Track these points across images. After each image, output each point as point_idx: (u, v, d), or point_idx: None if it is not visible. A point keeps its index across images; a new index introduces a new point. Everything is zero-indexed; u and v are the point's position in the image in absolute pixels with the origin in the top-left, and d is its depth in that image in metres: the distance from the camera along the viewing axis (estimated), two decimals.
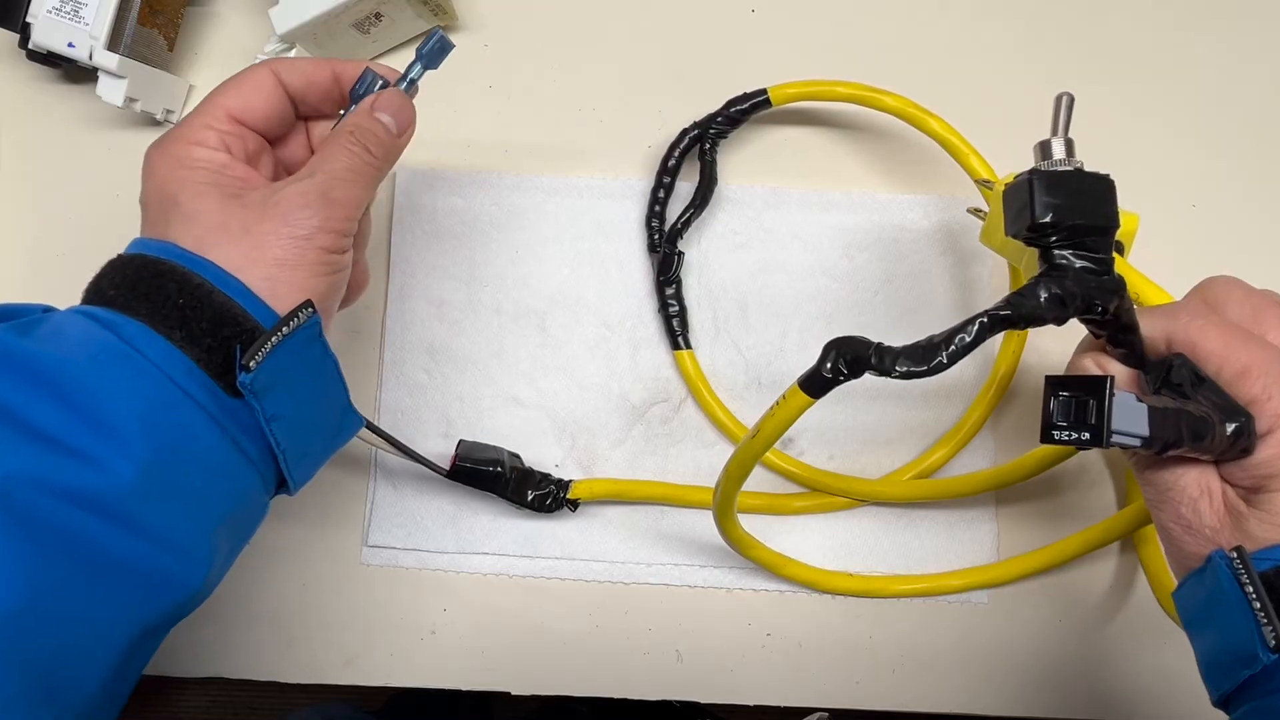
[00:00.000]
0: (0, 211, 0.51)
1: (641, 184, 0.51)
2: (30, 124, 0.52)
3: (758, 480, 0.49)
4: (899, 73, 0.53)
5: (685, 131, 0.49)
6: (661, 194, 0.50)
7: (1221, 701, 0.32)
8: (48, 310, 0.33)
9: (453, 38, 0.52)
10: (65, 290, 0.50)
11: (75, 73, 0.51)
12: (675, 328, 0.49)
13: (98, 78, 0.48)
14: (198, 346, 0.31)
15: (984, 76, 0.53)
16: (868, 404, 0.49)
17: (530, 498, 0.46)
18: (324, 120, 0.39)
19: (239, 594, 0.48)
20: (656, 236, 0.50)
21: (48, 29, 0.46)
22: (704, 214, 0.50)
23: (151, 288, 0.31)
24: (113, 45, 0.47)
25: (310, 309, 0.32)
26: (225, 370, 0.31)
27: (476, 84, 0.52)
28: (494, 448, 0.47)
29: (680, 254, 0.49)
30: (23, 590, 0.27)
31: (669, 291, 0.49)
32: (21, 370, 0.28)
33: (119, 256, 0.33)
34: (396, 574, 0.48)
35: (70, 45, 0.46)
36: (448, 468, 0.45)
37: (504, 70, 0.53)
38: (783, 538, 0.48)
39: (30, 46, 0.47)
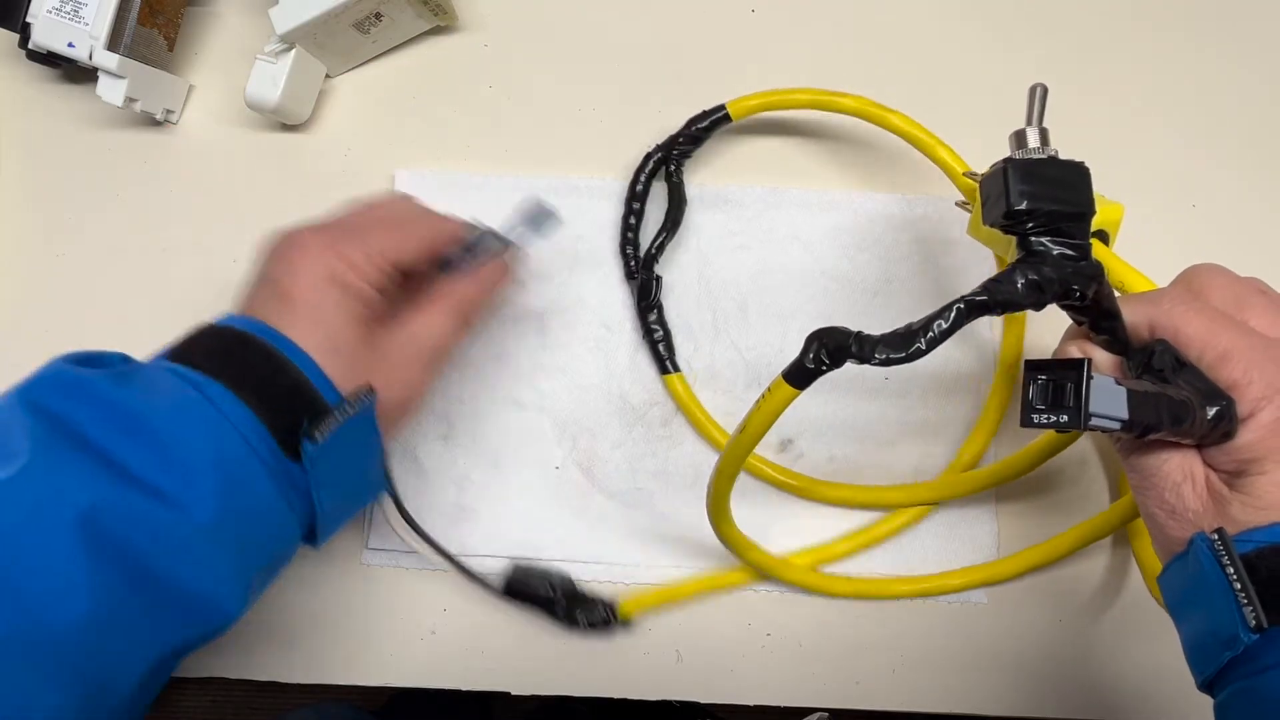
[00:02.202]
0: (0, 211, 0.51)
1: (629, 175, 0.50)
2: (30, 124, 0.52)
3: (756, 493, 0.49)
4: (901, 71, 0.53)
5: (649, 155, 0.49)
6: (632, 220, 0.49)
7: (1206, 685, 0.33)
8: (126, 359, 0.36)
9: (453, 38, 0.53)
10: (64, 290, 0.51)
11: (75, 73, 0.51)
12: (662, 352, 0.49)
13: (98, 78, 0.48)
14: (269, 411, 0.34)
15: (985, 76, 0.53)
16: (867, 402, 0.49)
17: (582, 620, 0.46)
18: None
19: None
20: (633, 264, 0.49)
21: (48, 29, 0.46)
22: (677, 235, 0.50)
23: (237, 355, 0.35)
24: (113, 45, 0.47)
25: (371, 393, 0.36)
26: (288, 435, 0.34)
27: (476, 84, 0.52)
28: (544, 571, 0.47)
29: (658, 278, 0.49)
30: (90, 603, 0.30)
31: (651, 317, 0.49)
32: (118, 416, 0.32)
33: (211, 325, 0.36)
34: (396, 574, 0.48)
35: (70, 45, 0.46)
36: (501, 586, 0.46)
37: (504, 70, 0.53)
38: (779, 539, 0.48)
39: (30, 46, 0.47)
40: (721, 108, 0.48)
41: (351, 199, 0.42)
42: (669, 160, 0.49)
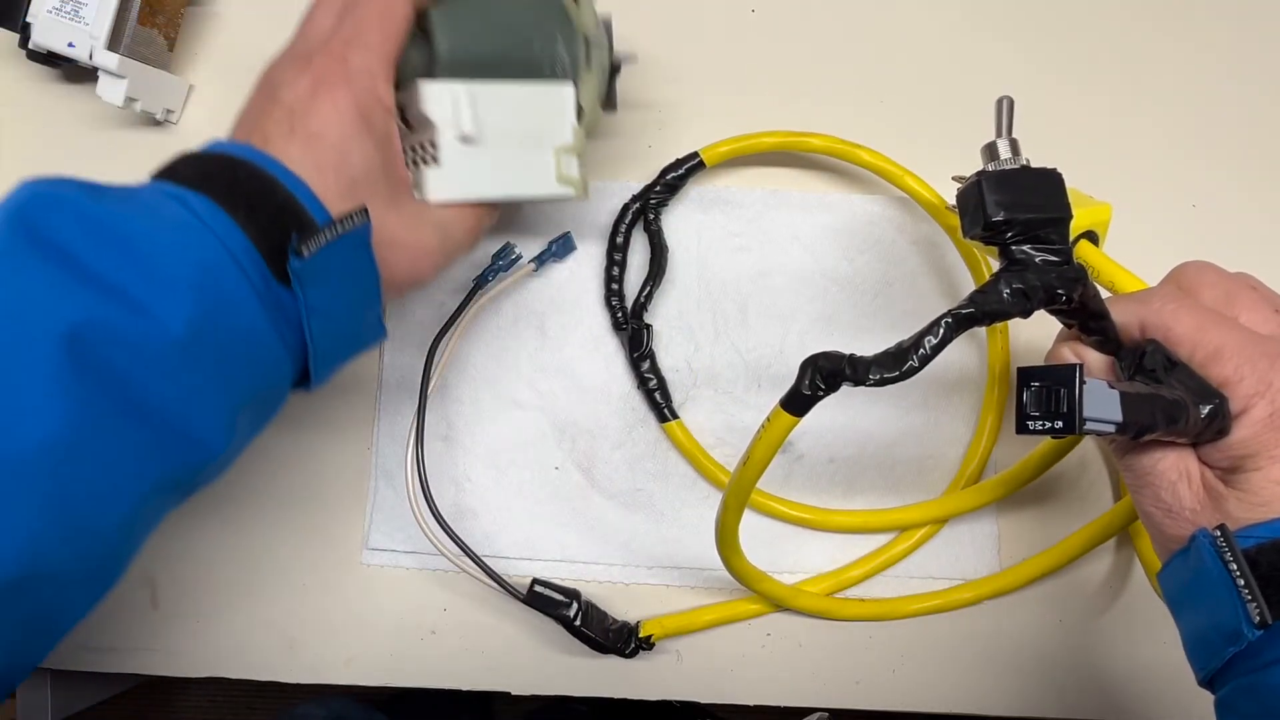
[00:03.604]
0: None
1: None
2: (30, 124, 0.52)
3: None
4: (901, 70, 0.53)
5: (626, 206, 0.49)
6: (616, 271, 0.49)
7: (1207, 681, 0.33)
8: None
9: None
10: None
11: (75, 73, 0.51)
12: (659, 400, 0.48)
13: (98, 78, 0.48)
14: (256, 227, 0.32)
15: (986, 74, 0.53)
16: (868, 405, 0.49)
17: (608, 635, 0.46)
18: None
19: (239, 594, 0.48)
20: (620, 315, 0.49)
21: (48, 29, 0.46)
22: (662, 283, 0.50)
23: (223, 172, 0.33)
24: (113, 45, 0.47)
25: (365, 215, 0.34)
26: (277, 256, 0.33)
27: None
28: (567, 589, 0.46)
29: (649, 327, 0.49)
30: (66, 423, 0.28)
31: (644, 367, 0.49)
32: (89, 222, 0.30)
33: (195, 151, 0.35)
34: (397, 574, 0.48)
35: (70, 45, 0.46)
36: (524, 592, 0.45)
37: None
38: (779, 545, 0.48)
39: (30, 46, 0.47)
40: (695, 155, 0.49)
41: None
42: (647, 210, 0.49)
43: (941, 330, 0.30)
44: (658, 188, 0.49)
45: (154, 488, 0.32)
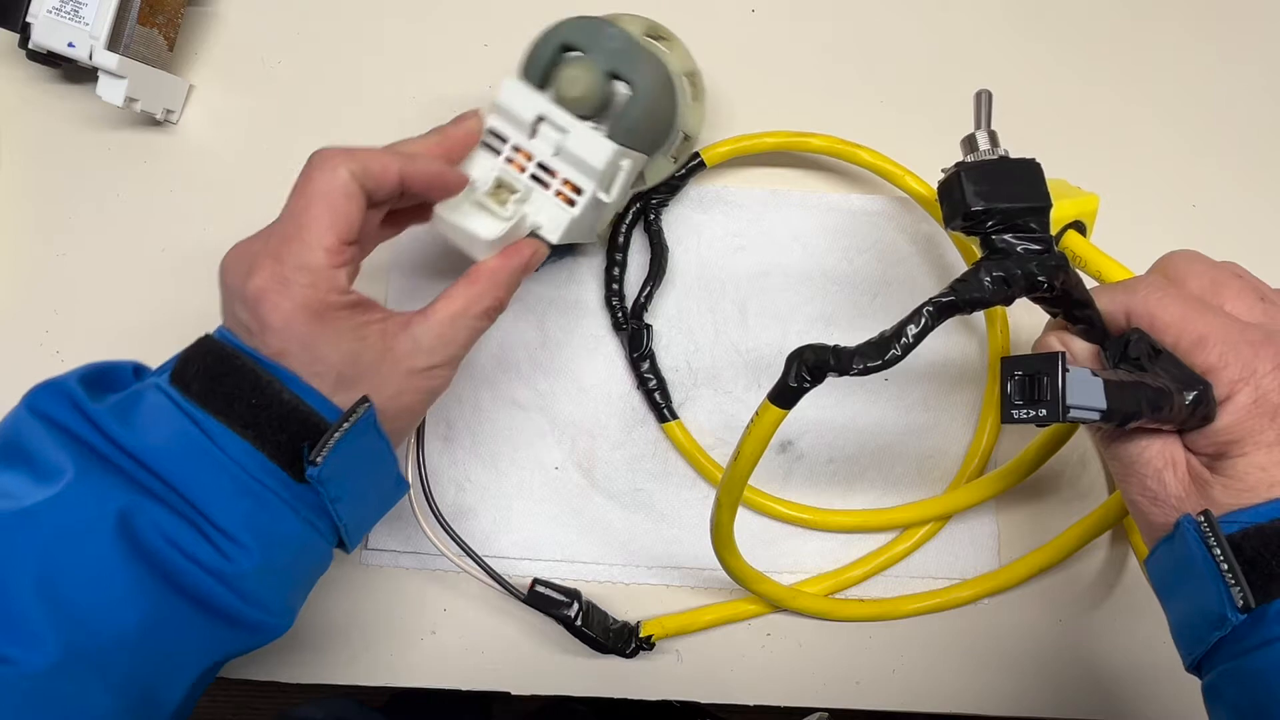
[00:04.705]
0: (0, 211, 0.51)
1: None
2: (30, 124, 0.52)
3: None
4: (901, 71, 0.53)
5: (627, 206, 0.49)
6: (616, 271, 0.49)
7: (1194, 666, 0.33)
8: (137, 370, 0.37)
9: (448, 38, 0.53)
10: (64, 289, 0.51)
11: (75, 73, 0.51)
12: (658, 400, 0.48)
13: (98, 78, 0.48)
14: (268, 444, 0.34)
15: (987, 72, 0.52)
16: (868, 404, 0.49)
17: (609, 635, 0.45)
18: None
19: None
20: (620, 315, 0.49)
21: (48, 29, 0.46)
22: (662, 283, 0.50)
23: (227, 385, 0.34)
24: (113, 45, 0.47)
25: (366, 403, 0.35)
26: (293, 460, 0.34)
27: (476, 84, 0.52)
28: (568, 589, 0.46)
29: (649, 327, 0.49)
30: (143, 616, 0.32)
31: (644, 367, 0.49)
32: (127, 454, 0.33)
33: (206, 339, 0.36)
34: (397, 574, 0.48)
35: (70, 45, 0.47)
36: (525, 592, 0.45)
37: (504, 70, 0.53)
38: (778, 545, 0.48)
39: (30, 46, 0.47)
40: (696, 155, 0.49)
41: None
42: (647, 209, 0.49)
43: (923, 319, 0.30)
44: (659, 187, 0.49)
45: (216, 662, 0.35)
